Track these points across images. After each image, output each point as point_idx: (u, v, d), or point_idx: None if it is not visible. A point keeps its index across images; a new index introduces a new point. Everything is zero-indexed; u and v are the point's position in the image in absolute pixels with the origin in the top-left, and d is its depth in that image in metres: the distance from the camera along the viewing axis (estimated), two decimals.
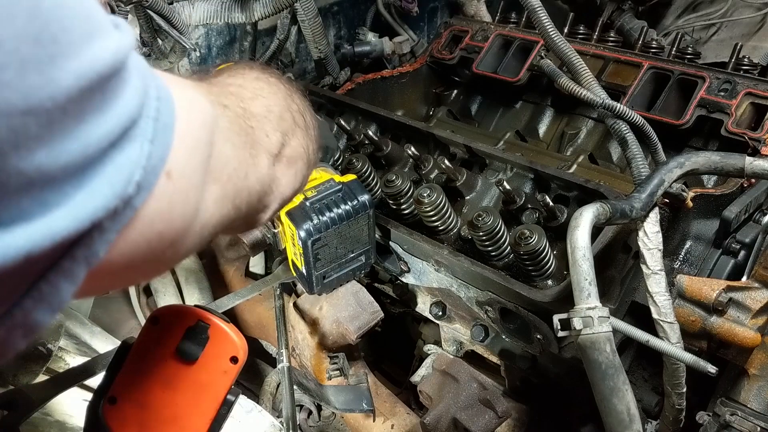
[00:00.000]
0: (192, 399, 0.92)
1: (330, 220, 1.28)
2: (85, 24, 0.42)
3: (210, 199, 0.59)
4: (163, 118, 0.48)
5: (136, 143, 0.46)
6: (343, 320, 1.64)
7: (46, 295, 0.43)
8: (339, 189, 1.30)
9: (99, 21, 0.43)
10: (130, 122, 0.45)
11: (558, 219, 1.37)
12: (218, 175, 0.60)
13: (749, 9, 2.58)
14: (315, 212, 1.27)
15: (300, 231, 1.26)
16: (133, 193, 0.45)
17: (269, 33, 2.15)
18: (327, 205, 1.28)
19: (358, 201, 1.30)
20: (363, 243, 1.37)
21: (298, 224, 1.26)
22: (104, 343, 1.64)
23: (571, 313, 1.03)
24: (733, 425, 1.21)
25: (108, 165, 0.44)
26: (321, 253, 1.31)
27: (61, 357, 1.53)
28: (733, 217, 1.35)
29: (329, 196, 1.29)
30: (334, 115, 1.83)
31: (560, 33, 1.55)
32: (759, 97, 1.61)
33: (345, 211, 1.29)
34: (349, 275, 1.41)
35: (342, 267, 1.37)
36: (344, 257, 1.35)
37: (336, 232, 1.30)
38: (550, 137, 1.99)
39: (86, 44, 0.41)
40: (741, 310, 1.23)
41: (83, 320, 1.67)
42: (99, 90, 0.42)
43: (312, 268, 1.32)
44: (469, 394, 1.53)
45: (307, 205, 1.27)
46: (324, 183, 1.31)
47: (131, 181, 0.45)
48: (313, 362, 1.69)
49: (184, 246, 0.57)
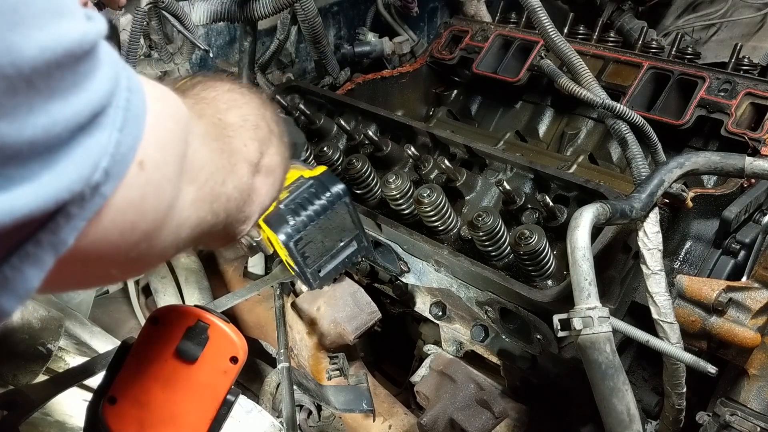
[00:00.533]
0: (192, 399, 0.92)
1: (307, 218, 1.28)
2: (50, 2, 0.42)
3: (186, 199, 0.59)
4: (133, 108, 0.48)
5: (105, 131, 0.46)
6: (340, 320, 1.64)
7: (11, 281, 0.42)
8: (311, 184, 1.30)
9: (65, 3, 0.44)
10: (100, 108, 0.46)
11: (558, 219, 1.37)
12: (195, 176, 0.60)
13: (749, 9, 2.58)
14: (290, 214, 1.27)
15: (279, 235, 1.27)
16: (101, 180, 0.45)
17: (269, 33, 2.15)
18: (301, 203, 1.28)
19: (331, 192, 1.30)
20: (350, 230, 1.36)
21: (276, 229, 1.27)
22: (104, 343, 1.64)
23: (571, 313, 1.03)
24: (732, 425, 1.21)
25: (75, 148, 0.44)
26: (307, 251, 1.31)
27: (61, 357, 1.53)
28: (733, 217, 1.35)
29: (302, 194, 1.29)
30: (334, 115, 1.83)
31: (560, 33, 1.55)
32: (759, 97, 1.61)
33: (321, 206, 1.29)
34: (345, 263, 1.41)
35: (335, 257, 1.37)
36: (334, 248, 1.35)
37: (317, 228, 1.30)
38: (550, 137, 1.99)
39: (51, 20, 0.41)
40: (741, 310, 1.23)
41: (83, 320, 1.67)
42: (68, 69, 0.43)
43: (303, 266, 1.33)
44: (466, 395, 1.54)
45: (281, 209, 1.27)
46: (295, 182, 1.30)
47: (98, 167, 0.45)
48: (310, 362, 1.69)
49: (159, 241, 0.57)
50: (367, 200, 1.58)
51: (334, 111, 1.87)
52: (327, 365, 1.66)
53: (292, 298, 1.76)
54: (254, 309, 1.88)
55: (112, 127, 0.46)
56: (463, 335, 1.65)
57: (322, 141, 1.76)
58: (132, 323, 1.99)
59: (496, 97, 2.12)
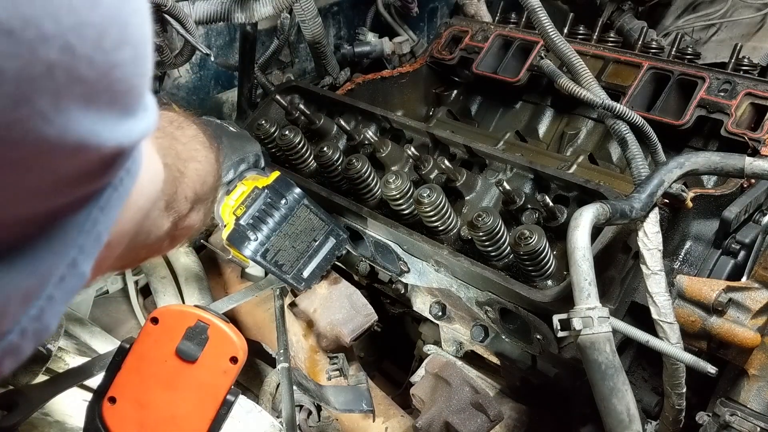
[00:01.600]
0: (192, 399, 0.92)
1: (269, 230, 1.28)
2: (122, 100, 0.41)
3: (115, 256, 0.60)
4: (122, 189, 0.47)
5: (87, 207, 0.44)
6: (337, 323, 1.64)
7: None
8: (266, 195, 1.29)
9: (134, 98, 0.42)
10: (102, 189, 0.45)
11: (558, 219, 1.37)
12: (137, 237, 0.64)
13: (749, 9, 2.58)
14: (250, 229, 1.27)
15: (244, 252, 1.27)
16: (78, 259, 0.44)
17: (269, 33, 2.15)
18: (259, 217, 1.28)
19: (287, 199, 1.30)
20: (320, 228, 1.36)
21: (240, 247, 1.27)
22: (104, 343, 1.64)
23: (571, 314, 1.03)
24: (732, 425, 1.21)
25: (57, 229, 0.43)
26: (280, 259, 1.31)
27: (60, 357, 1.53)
28: (733, 217, 1.35)
29: (258, 206, 1.28)
30: (334, 115, 1.83)
31: (560, 33, 1.55)
32: (759, 97, 1.61)
33: (280, 215, 1.29)
34: (328, 259, 1.40)
35: (313, 257, 1.37)
36: (309, 249, 1.35)
37: (282, 236, 1.30)
38: (549, 137, 1.99)
39: (126, 117, 0.41)
40: (741, 310, 1.22)
41: (83, 320, 1.67)
42: (96, 168, 0.42)
43: (280, 274, 1.33)
44: (461, 398, 1.54)
45: (241, 225, 1.27)
46: (249, 195, 1.30)
47: (75, 245, 0.44)
48: (307, 364, 1.69)
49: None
50: (367, 200, 1.58)
51: (334, 111, 1.87)
52: (324, 367, 1.66)
53: (290, 298, 1.75)
54: (252, 311, 1.88)
55: (95, 204, 0.45)
56: (463, 335, 1.65)
57: (322, 141, 1.76)
58: (132, 323, 1.99)
59: (496, 97, 2.12)
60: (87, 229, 0.44)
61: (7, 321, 0.41)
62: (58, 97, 0.35)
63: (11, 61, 0.33)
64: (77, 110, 0.37)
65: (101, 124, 0.39)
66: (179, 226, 0.80)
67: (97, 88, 0.38)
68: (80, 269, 0.44)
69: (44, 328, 0.43)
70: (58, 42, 0.34)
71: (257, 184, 1.31)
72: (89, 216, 0.44)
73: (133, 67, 0.40)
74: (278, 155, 1.72)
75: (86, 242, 0.44)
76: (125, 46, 0.38)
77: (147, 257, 0.80)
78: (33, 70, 0.34)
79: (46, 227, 0.42)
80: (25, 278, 0.41)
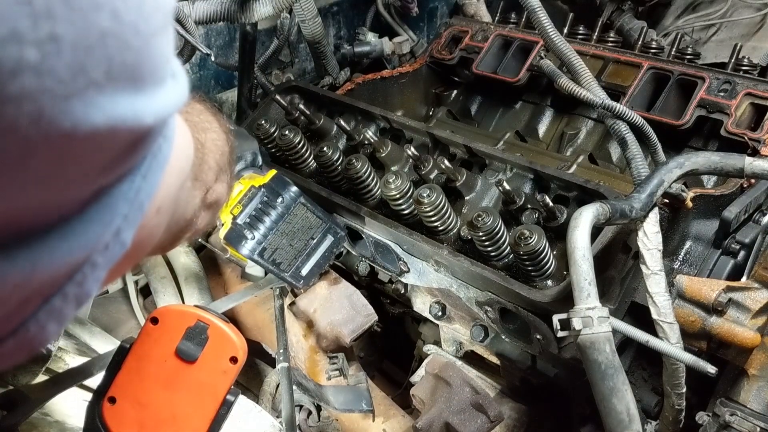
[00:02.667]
0: (192, 399, 0.92)
1: (266, 228, 1.27)
2: (161, 69, 0.40)
3: (163, 227, 0.60)
4: (161, 156, 0.47)
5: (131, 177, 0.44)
6: (337, 323, 1.64)
7: (37, 337, 0.42)
8: (262, 193, 1.29)
9: (158, 68, 0.41)
10: (144, 157, 0.45)
11: (558, 219, 1.37)
12: (176, 210, 0.65)
13: (749, 9, 2.58)
14: (247, 228, 1.27)
15: (242, 251, 1.27)
16: (122, 227, 0.44)
17: (269, 33, 2.15)
18: (256, 216, 1.27)
19: (283, 197, 1.29)
20: (317, 226, 1.35)
21: (237, 246, 1.27)
22: (104, 343, 1.64)
23: (571, 314, 1.03)
24: (732, 425, 1.21)
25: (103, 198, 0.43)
26: (278, 257, 1.31)
27: (60, 357, 1.53)
28: (733, 217, 1.35)
29: (255, 205, 1.28)
30: (334, 115, 1.83)
31: (560, 33, 1.55)
32: (758, 97, 1.61)
33: (276, 213, 1.28)
34: (326, 257, 1.40)
35: (311, 255, 1.36)
36: (307, 246, 1.34)
37: (279, 234, 1.29)
38: (549, 137, 1.99)
39: (156, 87, 0.40)
40: (740, 310, 1.22)
41: (83, 320, 1.67)
42: (145, 135, 0.41)
43: (278, 272, 1.32)
44: (461, 399, 1.54)
45: (238, 224, 1.27)
46: (246, 194, 1.29)
47: (119, 214, 0.44)
48: (307, 365, 1.69)
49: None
50: (367, 200, 1.58)
51: (333, 111, 1.87)
52: (324, 367, 1.66)
53: (290, 299, 1.75)
54: (252, 311, 1.88)
55: (138, 172, 0.44)
56: (463, 335, 1.65)
57: (321, 141, 1.76)
58: (131, 323, 1.99)
59: (495, 97, 2.12)
60: (131, 198, 0.43)
61: (53, 287, 0.41)
62: (110, 68, 0.34)
63: (69, 28, 0.31)
64: (126, 81, 0.36)
65: (145, 95, 0.38)
66: (208, 199, 0.81)
67: (142, 56, 0.37)
68: (122, 237, 0.44)
69: (85, 293, 0.43)
70: (108, 7, 0.33)
71: (254, 183, 1.31)
72: (132, 185, 0.43)
73: (166, 32, 0.39)
74: (278, 155, 1.72)
75: (130, 211, 0.44)
76: (158, 13, 0.37)
77: (185, 236, 0.80)
78: (89, 38, 0.32)
79: (97, 199, 0.42)
80: (76, 248, 0.41)
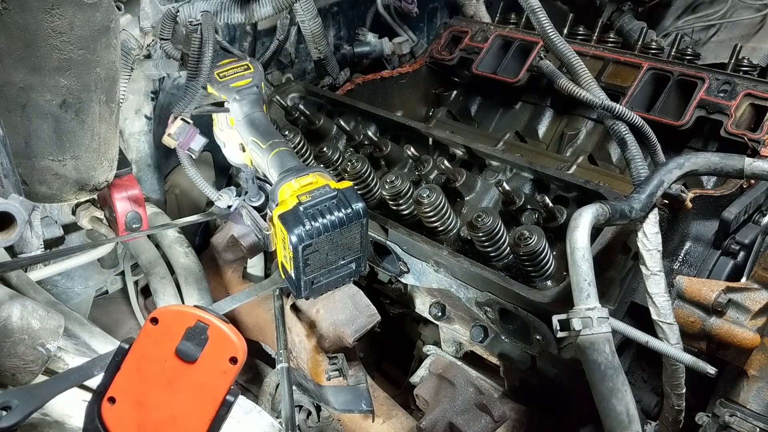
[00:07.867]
0: (191, 399, 0.92)
1: (323, 227, 1.27)
2: None
3: None
4: None
5: None
6: (339, 323, 1.64)
7: None
8: (334, 195, 1.29)
9: None
10: None
11: (557, 220, 1.37)
12: None
13: (749, 10, 2.59)
14: (308, 217, 1.26)
15: (292, 236, 1.25)
16: None
17: (269, 33, 2.15)
18: (321, 211, 1.27)
19: (352, 209, 1.29)
20: (355, 251, 1.36)
21: (290, 229, 1.25)
22: (103, 343, 1.64)
23: (571, 314, 1.03)
24: (732, 426, 1.21)
25: None
26: (311, 259, 1.30)
27: (60, 357, 1.53)
28: (733, 218, 1.35)
29: (324, 202, 1.28)
30: (334, 115, 1.83)
31: (560, 34, 1.55)
32: (758, 98, 1.61)
33: (338, 219, 1.28)
34: (338, 281, 1.39)
35: (332, 273, 1.36)
36: (335, 263, 1.34)
37: (328, 239, 1.29)
38: (549, 138, 1.99)
39: None
40: (740, 311, 1.22)
41: (82, 320, 1.67)
42: None
43: (301, 272, 1.31)
44: (465, 399, 1.53)
45: (300, 210, 1.26)
46: (319, 188, 1.29)
47: None
48: (309, 365, 1.68)
49: None
50: (367, 200, 1.58)
51: (333, 111, 1.87)
52: (326, 367, 1.66)
53: (291, 300, 1.75)
54: (253, 311, 1.88)
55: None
56: (463, 336, 1.65)
57: (321, 141, 1.76)
58: (131, 323, 1.99)
59: (495, 97, 2.12)
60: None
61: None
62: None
63: None
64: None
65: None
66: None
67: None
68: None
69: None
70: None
71: (330, 183, 1.31)
72: None
73: None
74: None
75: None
76: None
77: None
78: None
79: None
80: None
